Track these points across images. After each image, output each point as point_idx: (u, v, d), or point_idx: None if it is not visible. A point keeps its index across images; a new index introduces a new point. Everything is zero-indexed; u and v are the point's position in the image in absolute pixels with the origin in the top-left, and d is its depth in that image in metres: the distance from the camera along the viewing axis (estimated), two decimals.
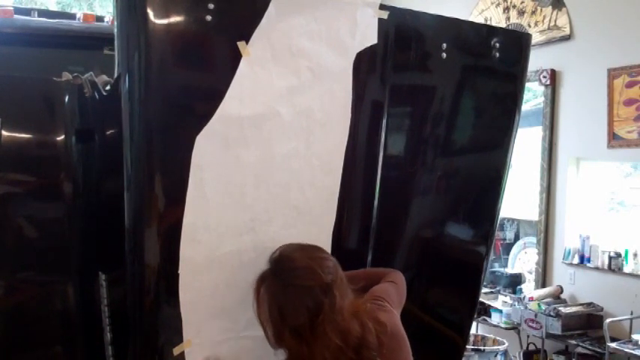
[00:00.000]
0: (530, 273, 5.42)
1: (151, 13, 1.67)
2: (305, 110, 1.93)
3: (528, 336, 4.80)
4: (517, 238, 6.08)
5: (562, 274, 4.89)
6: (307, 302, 1.65)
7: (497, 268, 5.76)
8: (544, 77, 4.96)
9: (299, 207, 1.98)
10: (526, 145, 5.08)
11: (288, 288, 1.69)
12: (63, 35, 3.06)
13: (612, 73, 4.53)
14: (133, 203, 1.77)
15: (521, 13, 5.24)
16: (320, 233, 2.00)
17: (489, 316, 5.03)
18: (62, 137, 2.08)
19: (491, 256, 3.84)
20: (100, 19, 3.36)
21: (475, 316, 3.28)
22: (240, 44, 1.79)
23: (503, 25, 5.28)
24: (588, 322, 4.50)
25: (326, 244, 1.98)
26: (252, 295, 1.77)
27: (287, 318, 1.67)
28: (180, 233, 1.79)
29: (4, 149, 2.01)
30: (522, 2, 5.23)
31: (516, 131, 2.40)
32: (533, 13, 5.13)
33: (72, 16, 3.36)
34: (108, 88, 2.06)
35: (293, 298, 1.67)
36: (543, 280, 5.04)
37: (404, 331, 1.82)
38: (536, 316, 4.53)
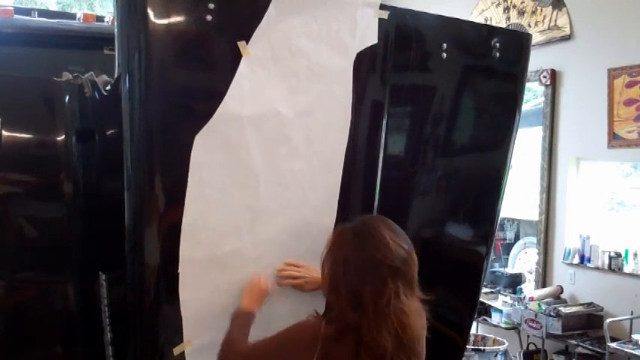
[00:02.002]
0: (531, 273, 5.41)
1: (151, 13, 1.67)
2: (305, 110, 1.93)
3: (528, 336, 4.80)
4: (517, 238, 6.07)
5: (562, 274, 4.89)
6: (372, 274, 1.67)
7: (497, 268, 5.75)
8: (544, 77, 4.95)
9: (299, 207, 1.98)
10: (526, 145, 5.07)
11: (359, 252, 1.70)
12: (63, 35, 3.06)
13: (612, 73, 4.53)
14: (133, 203, 1.77)
15: (521, 13, 5.23)
16: (320, 233, 2.00)
17: (489, 316, 5.02)
18: (62, 137, 2.08)
19: (492, 256, 3.84)
20: (100, 19, 3.36)
21: (475, 316, 3.28)
22: (241, 44, 1.79)
23: (503, 25, 5.27)
24: (588, 322, 4.49)
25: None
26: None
27: (348, 276, 1.68)
28: (180, 233, 1.79)
29: (4, 149, 2.01)
30: (522, 2, 5.22)
31: (516, 131, 2.40)
32: (534, 13, 5.12)
33: (72, 16, 3.36)
34: (108, 88, 2.06)
35: (360, 261, 1.69)
36: (543, 280, 5.04)
37: None
38: (536, 316, 4.53)
